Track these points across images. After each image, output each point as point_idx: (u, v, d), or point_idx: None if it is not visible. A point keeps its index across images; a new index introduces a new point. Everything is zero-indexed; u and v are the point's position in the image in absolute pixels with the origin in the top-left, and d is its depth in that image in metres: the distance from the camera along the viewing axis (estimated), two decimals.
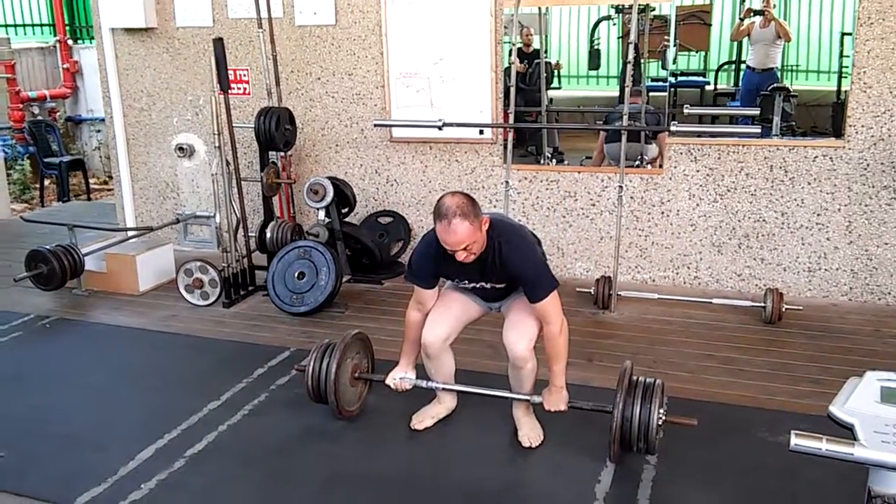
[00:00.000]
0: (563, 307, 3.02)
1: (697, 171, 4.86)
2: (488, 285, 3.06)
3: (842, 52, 4.59)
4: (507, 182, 4.83)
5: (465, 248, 2.77)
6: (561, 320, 2.96)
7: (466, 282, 3.08)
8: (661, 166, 4.93)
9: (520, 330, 3.03)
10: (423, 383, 3.26)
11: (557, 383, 3.02)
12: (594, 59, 5.36)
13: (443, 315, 3.16)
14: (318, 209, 5.10)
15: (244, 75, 5.76)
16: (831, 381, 3.64)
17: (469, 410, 3.41)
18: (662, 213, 4.99)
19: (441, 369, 3.25)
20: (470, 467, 3.05)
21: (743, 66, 5.11)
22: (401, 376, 3.25)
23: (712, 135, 4.84)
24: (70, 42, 10.23)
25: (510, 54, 4.97)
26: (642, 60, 5.02)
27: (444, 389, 3.31)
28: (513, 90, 4.81)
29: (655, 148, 4.97)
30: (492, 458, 3.12)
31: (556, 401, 3.03)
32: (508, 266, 2.90)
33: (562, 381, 3.02)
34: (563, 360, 3.00)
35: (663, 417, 2.87)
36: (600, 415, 3.09)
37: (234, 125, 4.94)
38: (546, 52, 5.27)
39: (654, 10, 4.94)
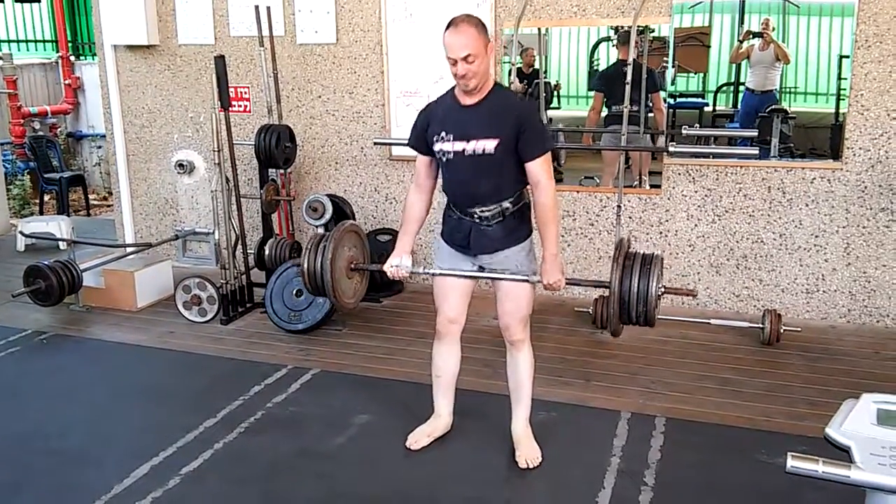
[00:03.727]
0: (561, 326, 3.02)
1: (696, 191, 4.88)
2: (479, 147, 2.88)
3: (840, 74, 4.62)
4: None
5: (466, 60, 2.78)
6: (552, 185, 2.93)
7: (451, 137, 2.93)
8: (657, 187, 4.95)
9: (512, 311, 3.08)
10: (421, 269, 3.20)
11: (552, 250, 2.95)
12: (593, 79, 5.39)
13: (445, 296, 3.18)
14: (317, 227, 5.10)
15: (245, 93, 5.79)
16: (829, 402, 3.62)
17: (466, 430, 3.40)
18: (661, 233, 5.00)
19: (447, 366, 3.27)
20: (466, 488, 3.04)
21: (742, 88, 5.14)
22: (395, 263, 3.18)
23: (711, 156, 4.86)
24: (72, 58, 10.29)
25: (510, 74, 5.00)
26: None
27: (438, 275, 3.17)
28: None
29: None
30: (489, 479, 3.10)
31: (553, 270, 2.95)
32: (511, 111, 2.89)
33: (555, 248, 2.96)
34: (556, 224, 2.97)
35: (662, 288, 2.81)
36: (599, 434, 3.08)
37: (234, 142, 4.96)
38: (546, 72, 5.30)
39: (653, 31, 4.97)
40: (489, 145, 2.88)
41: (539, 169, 2.90)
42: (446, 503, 2.95)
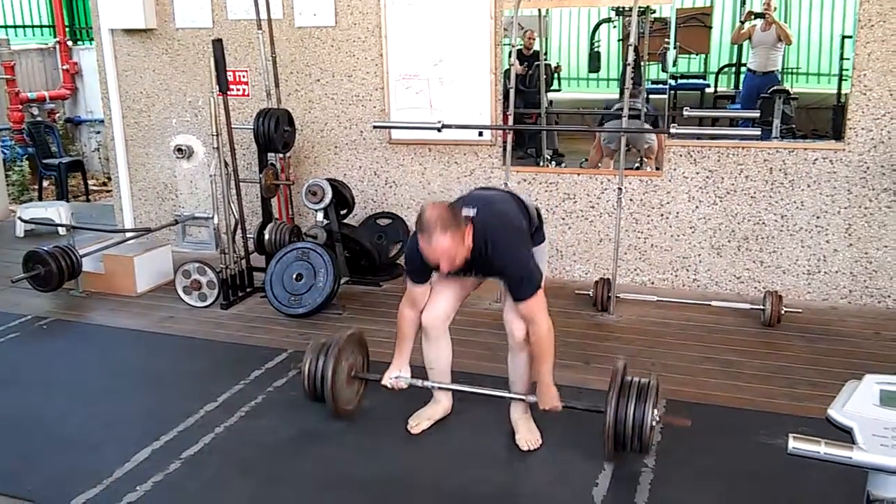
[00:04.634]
0: (562, 309, 3.01)
1: (697, 173, 4.85)
2: (479, 275, 3.08)
3: (842, 54, 4.58)
4: (506, 184, 4.81)
5: (447, 260, 2.77)
6: (546, 320, 2.93)
7: (458, 275, 3.07)
8: (658, 168, 4.92)
9: (518, 313, 3.02)
10: (420, 382, 3.25)
11: (546, 381, 3.00)
12: (594, 61, 5.35)
13: (438, 296, 3.16)
14: (316, 211, 5.09)
15: (243, 77, 5.76)
16: (830, 384, 3.63)
17: (466, 413, 3.40)
18: (662, 215, 4.98)
19: (439, 358, 3.25)
20: (467, 470, 3.04)
21: (743, 69, 5.10)
22: (396, 375, 3.23)
23: (712, 137, 4.83)
24: (70, 43, 10.23)
25: (510, 56, 4.96)
26: (642, 63, 5.01)
27: (440, 388, 3.30)
28: (512, 92, 4.80)
29: (654, 138, 4.97)
30: (489, 461, 3.10)
31: (550, 398, 3.01)
32: (493, 265, 2.91)
33: (550, 379, 3.01)
34: (551, 359, 2.98)
35: (658, 417, 2.85)
36: (598, 417, 3.06)
37: (232, 126, 4.94)
38: (546, 54, 5.26)
39: (654, 12, 4.93)
40: (489, 277, 3.10)
41: (527, 310, 2.91)
42: (447, 486, 2.94)
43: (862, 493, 1.82)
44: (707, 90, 5.22)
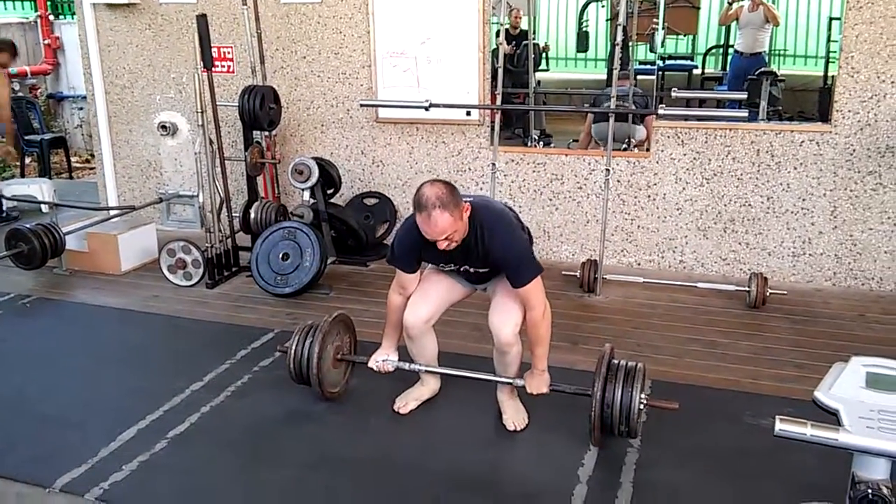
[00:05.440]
0: (549, 290, 3.01)
1: (684, 154, 4.85)
2: (472, 269, 3.03)
3: (829, 36, 4.59)
4: (493, 164, 4.80)
5: (446, 238, 2.75)
6: (543, 305, 2.95)
7: (451, 265, 3.05)
8: (648, 149, 4.92)
9: (505, 313, 3.00)
10: (406, 365, 3.25)
11: (539, 366, 3.03)
12: (582, 41, 5.34)
13: (425, 296, 3.13)
14: (302, 190, 5.05)
15: (228, 53, 5.69)
16: (814, 365, 3.65)
17: (453, 393, 3.40)
18: (649, 196, 4.98)
19: (423, 351, 3.23)
20: (454, 450, 3.05)
21: (731, 51, 5.10)
22: (383, 358, 3.23)
23: (700, 119, 4.83)
24: (51, 17, 10.07)
25: (498, 35, 4.92)
26: (630, 43, 4.99)
27: (427, 372, 3.30)
28: (500, 71, 4.77)
29: (643, 130, 4.96)
30: (476, 442, 3.11)
31: (539, 384, 3.03)
32: (491, 252, 2.89)
33: (544, 365, 3.03)
34: (546, 344, 3.00)
35: (644, 401, 2.87)
36: (585, 398, 3.08)
37: (217, 103, 4.88)
38: (534, 33, 5.23)
39: None
40: (482, 269, 3.01)
41: (526, 294, 2.90)
42: (434, 466, 2.95)
43: (847, 474, 1.84)
44: (695, 71, 5.23)
